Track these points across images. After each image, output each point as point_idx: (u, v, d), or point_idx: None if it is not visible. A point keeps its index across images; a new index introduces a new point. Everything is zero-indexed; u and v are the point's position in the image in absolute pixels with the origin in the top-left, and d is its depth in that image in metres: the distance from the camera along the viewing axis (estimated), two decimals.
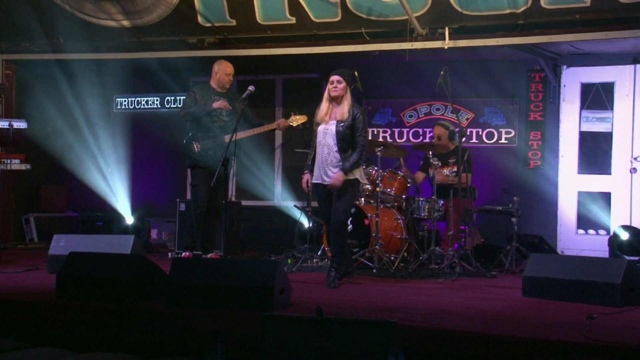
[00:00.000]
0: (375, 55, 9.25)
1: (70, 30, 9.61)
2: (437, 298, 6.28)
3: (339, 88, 6.83)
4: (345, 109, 6.83)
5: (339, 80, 6.82)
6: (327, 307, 5.52)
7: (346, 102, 6.85)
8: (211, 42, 9.37)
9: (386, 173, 8.46)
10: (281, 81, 10.94)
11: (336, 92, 6.83)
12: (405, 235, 8.29)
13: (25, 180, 10.38)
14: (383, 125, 10.51)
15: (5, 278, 7.02)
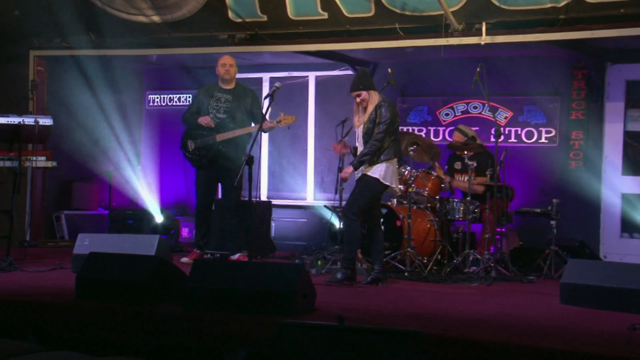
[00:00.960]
0: (409, 52, 8.97)
1: (100, 26, 9.49)
2: (469, 304, 6.01)
3: (363, 99, 6.91)
4: (367, 114, 6.90)
5: (358, 94, 6.91)
6: (352, 312, 5.31)
7: (370, 106, 6.90)
8: (242, 38, 9.17)
9: (419, 173, 8.19)
10: (314, 78, 10.71)
11: (363, 104, 6.94)
12: (438, 237, 8.01)
13: (57, 177, 10.29)
14: (418, 124, 10.22)
15: (28, 277, 6.92)
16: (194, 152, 8.23)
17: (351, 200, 6.89)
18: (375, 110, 6.79)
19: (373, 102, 6.85)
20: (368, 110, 6.85)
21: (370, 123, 6.78)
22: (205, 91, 8.31)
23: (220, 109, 8.14)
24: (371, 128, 6.78)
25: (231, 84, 8.22)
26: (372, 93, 6.87)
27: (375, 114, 6.78)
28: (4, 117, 7.24)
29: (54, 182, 10.36)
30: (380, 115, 6.76)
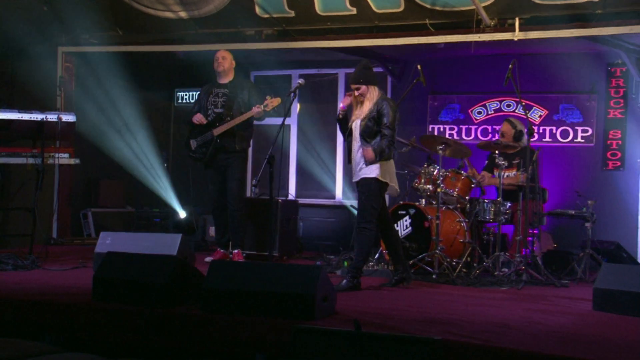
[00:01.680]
0: (440, 48, 8.75)
1: (127, 22, 9.44)
2: (497, 309, 5.78)
3: (362, 93, 6.62)
4: (366, 107, 6.59)
5: (357, 87, 6.63)
6: (373, 317, 5.13)
7: (367, 102, 6.61)
8: (269, 34, 9.04)
9: (449, 173, 7.96)
10: (343, 75, 10.53)
11: (362, 98, 6.64)
12: (468, 239, 7.78)
13: (84, 174, 10.25)
14: (450, 122, 10.00)
15: (48, 276, 6.84)
16: (196, 150, 8.18)
17: (361, 210, 6.59)
18: (376, 108, 6.51)
19: (371, 99, 6.57)
20: (365, 106, 6.57)
21: (370, 121, 6.49)
22: (205, 89, 8.25)
23: (217, 103, 8.05)
24: (370, 126, 6.48)
25: (227, 78, 8.10)
26: (372, 88, 6.60)
27: (376, 112, 6.50)
28: (27, 113, 7.16)
29: (81, 179, 10.31)
30: (385, 114, 6.48)
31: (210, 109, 8.11)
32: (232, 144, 7.94)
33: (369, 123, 6.49)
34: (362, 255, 6.59)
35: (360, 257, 6.58)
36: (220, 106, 8.03)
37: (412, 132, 9.70)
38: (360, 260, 6.58)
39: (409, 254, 7.68)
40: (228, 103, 7.99)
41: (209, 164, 8.11)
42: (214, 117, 8.05)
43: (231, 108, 7.96)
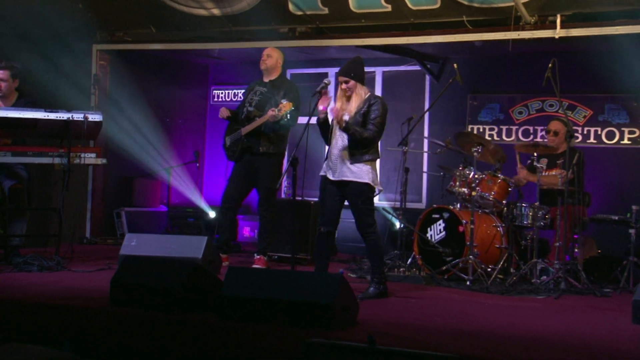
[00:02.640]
0: (478, 46, 8.47)
1: (161, 19, 9.33)
2: (530, 320, 5.51)
3: (349, 87, 6.28)
4: (353, 105, 6.26)
5: (346, 81, 6.28)
6: (395, 327, 4.93)
7: (355, 97, 6.28)
8: (303, 31, 8.86)
9: (485, 175, 7.67)
10: (381, 73, 10.29)
11: (348, 92, 6.29)
12: (504, 244, 7.50)
13: (118, 173, 10.18)
14: (489, 123, 9.70)
15: (72, 278, 6.74)
16: (229, 148, 8.04)
17: (360, 217, 6.32)
18: (366, 105, 6.22)
19: (359, 95, 6.26)
20: (354, 102, 6.24)
21: (360, 116, 6.19)
22: (251, 85, 8.08)
23: (253, 101, 7.87)
24: (359, 121, 6.17)
25: (271, 76, 7.90)
26: (359, 86, 6.28)
27: (366, 108, 6.21)
28: (53, 112, 7.06)
29: (116, 179, 10.24)
30: (374, 111, 6.20)
31: (246, 107, 7.96)
32: (257, 145, 7.76)
33: (359, 118, 6.19)
34: (379, 259, 6.35)
35: (379, 262, 6.33)
36: (254, 105, 7.86)
37: (450, 132, 9.39)
38: (380, 265, 6.34)
39: (442, 260, 7.43)
40: (261, 102, 7.81)
41: (238, 161, 7.98)
42: (245, 115, 7.90)
43: (263, 108, 7.78)
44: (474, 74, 9.62)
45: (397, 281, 7.14)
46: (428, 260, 7.60)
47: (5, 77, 7.44)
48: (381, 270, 6.31)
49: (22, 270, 6.91)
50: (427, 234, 7.68)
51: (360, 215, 6.26)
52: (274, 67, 7.90)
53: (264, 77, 7.96)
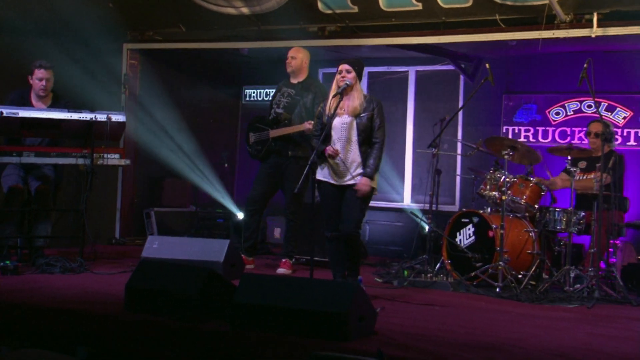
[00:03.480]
0: (513, 45, 8.22)
1: (190, 18, 9.24)
2: (558, 332, 5.28)
3: (349, 78, 6.02)
4: (356, 102, 6.03)
5: (348, 70, 6.04)
6: (413, 338, 4.75)
7: (356, 93, 6.06)
8: (332, 30, 8.68)
9: (516, 179, 7.43)
10: (414, 73, 10.08)
11: (342, 82, 6.02)
12: (537, 250, 7.25)
13: (148, 173, 10.13)
14: (525, 124, 9.44)
15: (93, 280, 6.67)
16: (252, 146, 7.93)
17: (354, 216, 6.03)
18: (370, 105, 6.02)
19: (359, 92, 6.05)
20: (356, 98, 6.00)
21: (368, 121, 5.99)
22: (279, 85, 7.95)
23: (281, 103, 7.74)
24: (368, 126, 5.99)
25: (298, 78, 7.75)
26: (358, 82, 6.08)
27: (371, 111, 6.00)
28: (76, 113, 7.00)
29: (145, 179, 10.18)
30: (379, 116, 6.02)
31: (274, 108, 7.84)
32: (286, 149, 7.63)
33: (368, 123, 6.00)
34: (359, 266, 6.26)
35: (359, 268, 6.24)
36: (282, 107, 7.73)
37: (485, 133, 9.19)
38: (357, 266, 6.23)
39: (471, 265, 7.21)
40: (290, 105, 7.68)
41: (263, 161, 7.86)
42: (274, 117, 7.77)
43: (292, 111, 7.65)
44: (510, 73, 9.38)
45: (424, 287, 6.96)
46: (457, 266, 7.40)
47: (50, 77, 7.39)
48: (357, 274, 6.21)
49: (44, 272, 6.87)
50: (456, 238, 7.46)
51: (359, 218, 6.10)
52: (300, 68, 7.75)
53: (292, 78, 7.82)
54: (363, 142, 6.02)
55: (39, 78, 7.32)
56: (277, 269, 7.69)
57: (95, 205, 9.43)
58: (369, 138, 6.04)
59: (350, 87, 6.00)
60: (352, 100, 6.02)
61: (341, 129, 6.03)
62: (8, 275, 6.65)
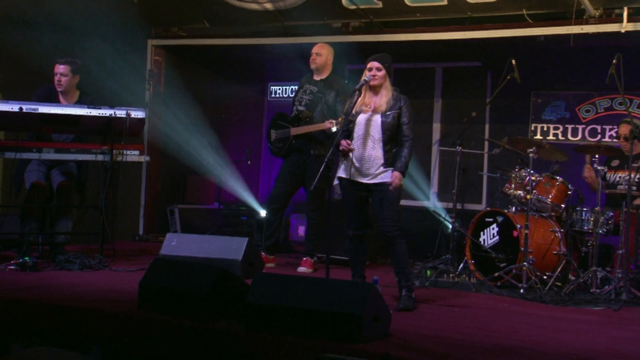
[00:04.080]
0: (540, 41, 8.03)
1: (214, 13, 9.17)
2: (580, 336, 5.12)
3: (379, 76, 5.87)
4: (384, 99, 5.87)
5: (378, 68, 5.87)
6: (429, 341, 4.62)
7: (385, 91, 5.90)
8: (356, 26, 8.57)
9: (542, 178, 7.26)
10: (441, 70, 9.92)
11: (375, 80, 5.87)
12: (563, 250, 7.07)
13: (172, 170, 10.09)
14: (554, 121, 9.23)
15: (110, 277, 6.63)
16: (273, 143, 7.86)
17: (394, 217, 5.84)
18: (397, 103, 5.84)
19: (388, 90, 5.89)
20: (383, 95, 5.85)
21: (394, 119, 5.82)
22: (301, 81, 7.88)
23: (303, 100, 7.66)
24: (394, 125, 5.82)
25: (322, 75, 7.66)
26: (388, 80, 5.92)
27: (398, 108, 5.83)
28: (96, 109, 6.96)
29: (169, 176, 10.14)
30: (406, 113, 5.85)
31: (296, 105, 7.76)
32: (307, 147, 7.54)
33: (394, 121, 5.82)
34: (409, 267, 5.98)
35: (409, 270, 5.96)
36: (304, 104, 7.65)
37: (512, 131, 9.05)
38: (410, 273, 5.97)
39: (495, 266, 7.06)
40: (312, 102, 7.59)
41: (285, 159, 7.78)
42: (295, 115, 7.69)
43: (314, 108, 7.55)
44: (538, 70, 9.17)
45: (446, 287, 6.82)
46: (481, 266, 7.25)
47: (66, 72, 7.37)
48: (411, 277, 5.97)
49: (63, 269, 6.85)
50: (480, 238, 7.31)
51: (394, 217, 5.88)
52: (324, 65, 7.67)
53: (315, 75, 7.73)
54: (388, 140, 5.86)
55: (55, 73, 7.33)
56: (298, 267, 7.60)
57: (119, 201, 9.45)
58: (394, 136, 5.88)
59: (380, 85, 5.87)
60: (379, 97, 5.89)
61: (364, 126, 5.89)
62: (27, 271, 6.64)
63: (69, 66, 7.39)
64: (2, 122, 6.79)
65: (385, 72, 5.88)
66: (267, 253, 7.70)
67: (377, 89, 5.90)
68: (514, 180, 7.35)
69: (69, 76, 7.39)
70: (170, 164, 9.95)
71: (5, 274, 6.57)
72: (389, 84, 5.93)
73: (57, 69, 7.37)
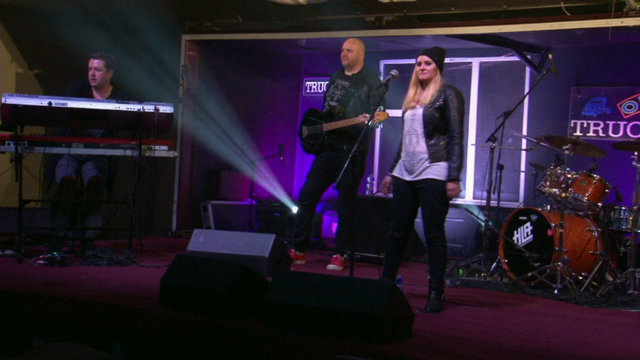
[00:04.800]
0: (579, 35, 7.81)
1: (247, 8, 9.10)
2: (614, 339, 4.94)
3: (428, 70, 5.66)
4: (430, 92, 5.65)
5: (427, 61, 5.66)
6: (451, 343, 4.50)
7: (433, 85, 5.67)
8: (390, 20, 8.42)
9: (579, 176, 7.05)
10: (478, 65, 9.72)
11: (424, 74, 5.68)
12: (599, 250, 6.86)
13: (206, 166, 10.05)
14: (594, 118, 8.98)
15: (137, 273, 6.61)
16: (305, 139, 7.76)
17: (434, 216, 5.67)
18: (442, 96, 5.61)
19: (436, 83, 5.66)
20: (431, 89, 5.65)
21: (436, 111, 5.59)
22: (333, 77, 7.78)
23: (335, 96, 7.55)
24: (436, 117, 5.59)
25: (353, 70, 7.55)
26: (438, 74, 5.70)
27: (442, 101, 5.60)
28: (124, 103, 6.94)
29: (203, 171, 10.10)
30: (452, 105, 5.59)
31: (327, 101, 7.67)
32: (340, 143, 7.42)
33: (436, 114, 5.59)
34: (444, 270, 5.79)
35: (443, 273, 5.77)
36: (337, 99, 7.55)
37: (551, 127, 8.86)
38: (443, 276, 5.79)
39: (529, 265, 6.87)
40: (344, 97, 7.49)
41: (317, 155, 7.68)
42: (327, 110, 7.59)
43: (346, 104, 7.45)
44: (578, 64, 8.93)
45: (476, 287, 6.65)
46: (514, 265, 7.07)
47: (100, 67, 7.37)
48: (443, 280, 5.79)
49: (91, 264, 6.85)
50: (513, 236, 7.13)
51: (433, 217, 5.68)
52: (356, 61, 7.56)
53: (346, 70, 7.62)
54: (430, 134, 5.64)
55: (89, 67, 7.32)
56: (328, 265, 7.50)
57: (152, 197, 9.45)
58: (438, 129, 5.65)
59: (430, 79, 5.69)
60: (426, 91, 5.72)
61: (410, 122, 5.74)
62: (55, 266, 6.65)
63: (103, 61, 7.39)
64: (33, 117, 6.78)
65: (436, 66, 5.69)
66: (297, 250, 7.62)
67: (426, 83, 5.72)
68: (550, 177, 7.15)
69: (103, 71, 7.39)
70: (204, 159, 9.91)
71: (34, 268, 6.59)
72: (439, 78, 5.72)
73: (91, 63, 7.37)
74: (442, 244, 5.66)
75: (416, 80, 5.76)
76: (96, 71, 7.36)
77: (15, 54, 8.99)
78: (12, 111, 6.61)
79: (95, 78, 7.36)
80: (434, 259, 5.68)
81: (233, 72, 10.17)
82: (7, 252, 7.07)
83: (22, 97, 6.70)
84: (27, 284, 5.75)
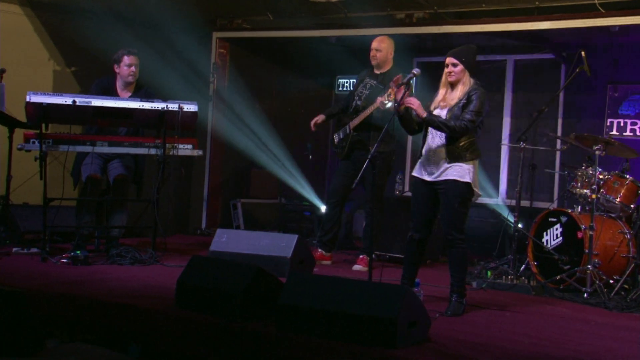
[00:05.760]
0: (615, 31, 7.59)
1: (277, 6, 9.04)
2: (636, 347, 4.76)
3: (455, 72, 5.49)
4: (457, 94, 5.49)
5: (454, 63, 5.49)
6: (467, 349, 4.39)
7: (461, 86, 5.50)
8: (420, 17, 8.29)
9: (611, 176, 6.85)
10: (512, 62, 9.51)
11: (452, 77, 5.52)
12: (632, 253, 6.65)
13: (236, 164, 10.01)
14: (632, 116, 8.73)
15: (159, 273, 6.55)
16: (337, 145, 7.68)
17: (454, 218, 5.49)
18: (466, 96, 5.45)
19: (465, 85, 5.48)
20: (458, 91, 5.49)
21: (459, 110, 5.43)
22: (361, 76, 7.67)
23: (362, 95, 7.45)
24: (458, 115, 5.42)
25: (383, 69, 7.42)
26: (467, 75, 5.50)
27: (465, 100, 5.44)
28: (148, 102, 6.91)
29: (232, 170, 10.06)
30: (472, 101, 5.41)
31: (355, 100, 7.56)
32: (367, 140, 7.30)
33: (457, 111, 5.44)
34: (465, 273, 5.63)
35: (464, 276, 5.62)
36: (364, 98, 7.45)
37: (587, 127, 8.65)
38: (464, 279, 5.65)
39: (559, 268, 6.69)
40: (371, 96, 7.37)
41: (347, 158, 7.58)
42: (354, 109, 7.50)
43: (372, 102, 7.34)
44: (616, 61, 8.70)
45: (503, 290, 6.49)
46: (543, 268, 6.88)
47: (138, 63, 7.34)
48: (464, 283, 5.64)
49: (114, 263, 6.82)
50: (542, 238, 6.94)
51: (453, 219, 5.51)
52: (385, 60, 7.45)
53: (375, 69, 7.51)
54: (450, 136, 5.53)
55: (128, 64, 7.24)
56: (354, 265, 7.40)
57: (182, 195, 9.45)
58: None
59: (458, 81, 5.54)
60: (454, 92, 5.57)
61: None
62: (78, 265, 6.64)
63: (138, 57, 7.37)
64: (57, 116, 6.78)
65: (464, 67, 5.51)
66: (324, 249, 7.54)
67: (455, 85, 5.57)
68: (581, 178, 6.96)
69: (139, 67, 7.38)
70: (234, 157, 9.87)
71: (56, 267, 6.58)
72: (468, 79, 5.55)
73: (130, 60, 7.26)
74: (462, 246, 5.50)
75: (446, 81, 5.63)
76: (136, 67, 7.32)
77: (53, 51, 9.03)
78: (37, 109, 6.61)
79: (134, 74, 7.32)
80: (454, 261, 5.54)
81: (264, 70, 10.12)
82: (33, 250, 7.08)
83: (46, 95, 6.69)
84: (46, 283, 5.74)
